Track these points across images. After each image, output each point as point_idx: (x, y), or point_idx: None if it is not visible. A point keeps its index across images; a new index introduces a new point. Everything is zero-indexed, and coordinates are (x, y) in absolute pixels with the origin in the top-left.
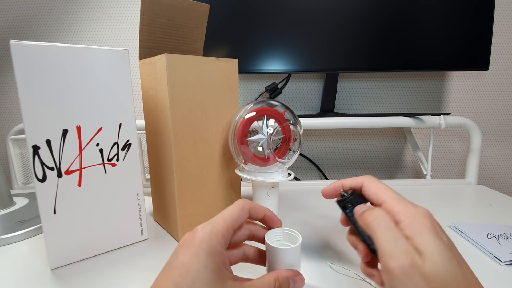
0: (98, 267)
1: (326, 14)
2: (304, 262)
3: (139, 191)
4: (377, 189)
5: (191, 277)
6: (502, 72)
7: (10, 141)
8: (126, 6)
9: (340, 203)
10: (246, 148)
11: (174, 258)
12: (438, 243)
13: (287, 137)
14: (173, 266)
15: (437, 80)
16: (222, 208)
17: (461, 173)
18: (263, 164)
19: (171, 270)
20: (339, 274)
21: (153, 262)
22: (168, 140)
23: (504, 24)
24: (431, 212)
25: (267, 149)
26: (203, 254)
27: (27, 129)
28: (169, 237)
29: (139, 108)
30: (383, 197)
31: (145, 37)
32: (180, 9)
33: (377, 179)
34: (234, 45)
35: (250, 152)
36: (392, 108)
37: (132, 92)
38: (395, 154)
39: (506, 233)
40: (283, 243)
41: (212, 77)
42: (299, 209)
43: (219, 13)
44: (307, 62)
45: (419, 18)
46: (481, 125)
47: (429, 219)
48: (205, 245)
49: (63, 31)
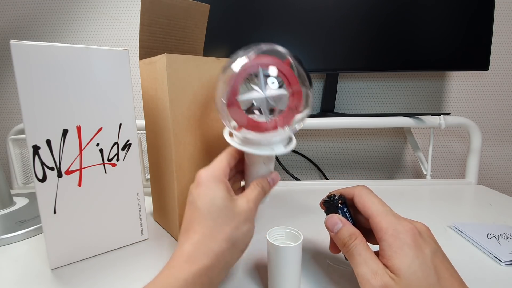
0: (98, 267)
1: (326, 14)
2: (305, 261)
3: (139, 191)
4: (366, 202)
5: (209, 201)
6: (502, 72)
7: (10, 141)
8: (126, 6)
9: (326, 203)
10: (238, 111)
11: (191, 197)
12: (415, 262)
13: (296, 102)
14: (192, 201)
15: (437, 80)
16: None
17: (461, 173)
18: (261, 130)
19: (192, 204)
20: (339, 273)
21: (153, 262)
22: (168, 140)
23: (504, 24)
24: (421, 224)
25: (266, 113)
26: (213, 184)
27: (27, 129)
28: (169, 237)
29: (139, 108)
30: (369, 211)
31: (145, 37)
32: (180, 9)
33: (369, 190)
34: (234, 45)
35: (244, 116)
36: (392, 108)
37: (132, 92)
38: (395, 154)
39: (506, 233)
40: (284, 241)
41: (212, 77)
42: (299, 208)
43: (219, 13)
44: (307, 62)
45: (419, 18)
46: (481, 125)
47: (411, 235)
48: (211, 178)
49: (63, 31)
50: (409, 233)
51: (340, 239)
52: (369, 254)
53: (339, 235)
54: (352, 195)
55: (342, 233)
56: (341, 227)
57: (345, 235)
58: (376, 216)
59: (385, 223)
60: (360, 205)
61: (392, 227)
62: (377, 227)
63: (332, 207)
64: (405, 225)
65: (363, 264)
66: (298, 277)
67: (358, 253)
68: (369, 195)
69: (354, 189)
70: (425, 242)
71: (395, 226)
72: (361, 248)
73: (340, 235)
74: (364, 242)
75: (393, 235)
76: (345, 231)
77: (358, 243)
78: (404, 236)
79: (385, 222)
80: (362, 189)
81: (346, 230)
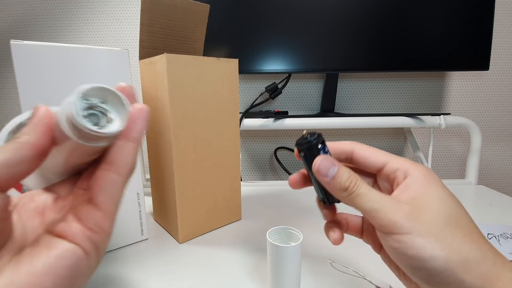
0: (98, 267)
1: (326, 14)
2: (306, 260)
3: (139, 191)
4: (372, 153)
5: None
6: (502, 72)
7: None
8: (126, 6)
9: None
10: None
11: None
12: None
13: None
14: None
15: (437, 80)
16: (222, 208)
17: (461, 173)
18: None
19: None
20: (339, 272)
21: (153, 262)
22: (168, 140)
23: (504, 24)
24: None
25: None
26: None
27: None
28: (169, 237)
29: None
30: (383, 158)
31: (145, 37)
32: (180, 9)
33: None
34: (234, 45)
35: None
36: (392, 108)
37: None
38: (395, 154)
39: (506, 233)
40: (285, 241)
41: (212, 77)
42: (300, 208)
43: (219, 13)
44: (307, 62)
45: (419, 18)
46: (481, 125)
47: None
48: None
49: (63, 31)
50: (429, 171)
51: (339, 184)
52: (377, 190)
53: (337, 179)
54: (350, 150)
55: (341, 176)
56: (337, 170)
57: (345, 178)
58: (392, 161)
59: (406, 163)
60: (366, 157)
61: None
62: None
63: (312, 150)
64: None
65: (378, 199)
66: (298, 277)
67: (366, 192)
68: (369, 147)
69: (347, 146)
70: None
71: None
72: (366, 186)
73: (339, 179)
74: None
75: (419, 171)
76: (344, 173)
77: (362, 183)
78: (428, 173)
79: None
80: (359, 144)
81: (344, 172)
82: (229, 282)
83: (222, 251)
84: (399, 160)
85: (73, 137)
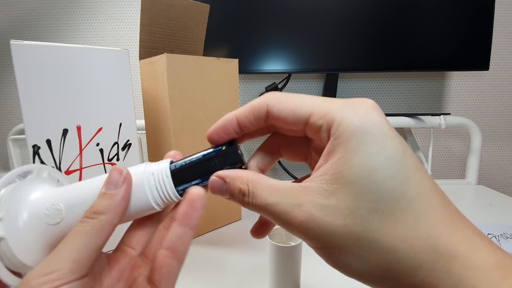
0: None
1: (326, 14)
2: (306, 260)
3: None
4: (292, 105)
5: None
6: (502, 72)
7: (10, 141)
8: (126, 6)
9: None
10: None
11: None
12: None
13: None
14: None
15: (437, 80)
16: (222, 208)
17: (461, 173)
18: None
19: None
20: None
21: None
22: (168, 140)
23: (504, 24)
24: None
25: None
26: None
27: (27, 129)
28: None
29: (139, 108)
30: (306, 109)
31: (145, 37)
32: (180, 9)
33: (281, 93)
34: (234, 45)
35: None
36: (392, 108)
37: (132, 92)
38: None
39: (506, 233)
40: (285, 241)
41: (212, 77)
42: None
43: (219, 13)
44: (307, 62)
45: (419, 18)
46: (481, 125)
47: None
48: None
49: (63, 31)
50: (367, 113)
51: (236, 197)
52: (266, 186)
53: (231, 194)
54: (264, 109)
55: (232, 189)
56: (228, 185)
57: (236, 189)
58: (315, 112)
59: (332, 111)
60: (285, 118)
61: (340, 116)
62: (325, 123)
63: (204, 168)
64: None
65: (278, 201)
66: (298, 277)
67: (262, 194)
68: (288, 98)
69: (255, 106)
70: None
71: (344, 112)
72: (258, 186)
73: (232, 193)
74: (260, 181)
75: (347, 122)
76: (235, 184)
77: (256, 184)
78: (363, 120)
79: (331, 110)
80: (273, 97)
81: (235, 182)
82: (229, 282)
83: (222, 251)
84: (324, 106)
85: (157, 208)
